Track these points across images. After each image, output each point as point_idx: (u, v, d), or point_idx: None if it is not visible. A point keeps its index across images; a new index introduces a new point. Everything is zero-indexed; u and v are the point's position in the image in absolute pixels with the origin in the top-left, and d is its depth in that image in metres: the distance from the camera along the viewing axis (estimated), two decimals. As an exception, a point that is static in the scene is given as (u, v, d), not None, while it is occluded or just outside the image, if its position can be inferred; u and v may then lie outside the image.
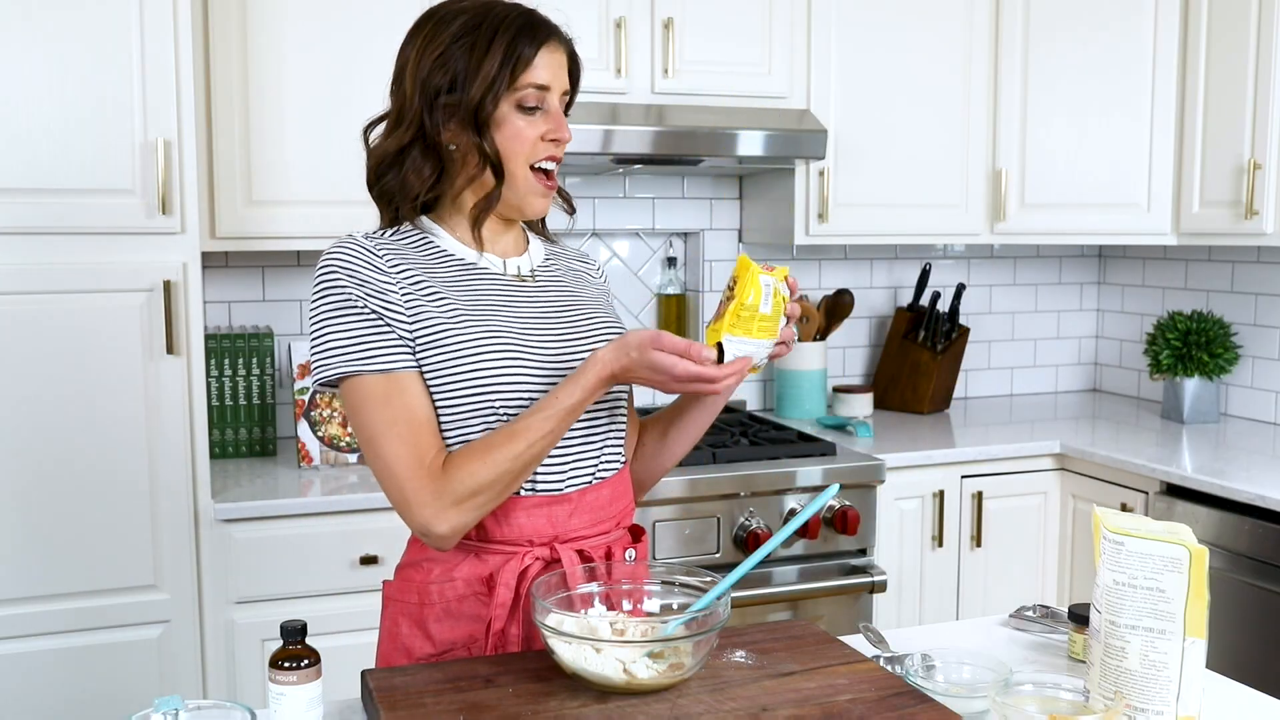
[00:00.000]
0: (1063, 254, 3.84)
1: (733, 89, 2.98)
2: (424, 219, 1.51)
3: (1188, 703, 1.25)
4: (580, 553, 1.45)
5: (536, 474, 1.44)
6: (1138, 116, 3.15)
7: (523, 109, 1.44)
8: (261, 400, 2.79)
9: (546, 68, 1.44)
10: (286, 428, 2.94)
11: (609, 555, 1.49)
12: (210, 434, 2.67)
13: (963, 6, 3.19)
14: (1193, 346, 3.23)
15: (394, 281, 1.41)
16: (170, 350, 2.31)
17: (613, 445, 1.53)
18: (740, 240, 3.42)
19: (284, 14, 2.56)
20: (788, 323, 1.42)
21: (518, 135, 1.44)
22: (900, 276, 3.65)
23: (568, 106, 1.52)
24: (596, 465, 1.50)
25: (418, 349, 1.40)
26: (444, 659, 1.44)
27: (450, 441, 1.41)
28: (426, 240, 1.49)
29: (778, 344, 1.42)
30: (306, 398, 2.70)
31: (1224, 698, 1.42)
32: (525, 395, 1.41)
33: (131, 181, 2.26)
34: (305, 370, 2.72)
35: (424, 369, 1.40)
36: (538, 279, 1.54)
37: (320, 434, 2.69)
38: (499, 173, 1.45)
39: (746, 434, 2.93)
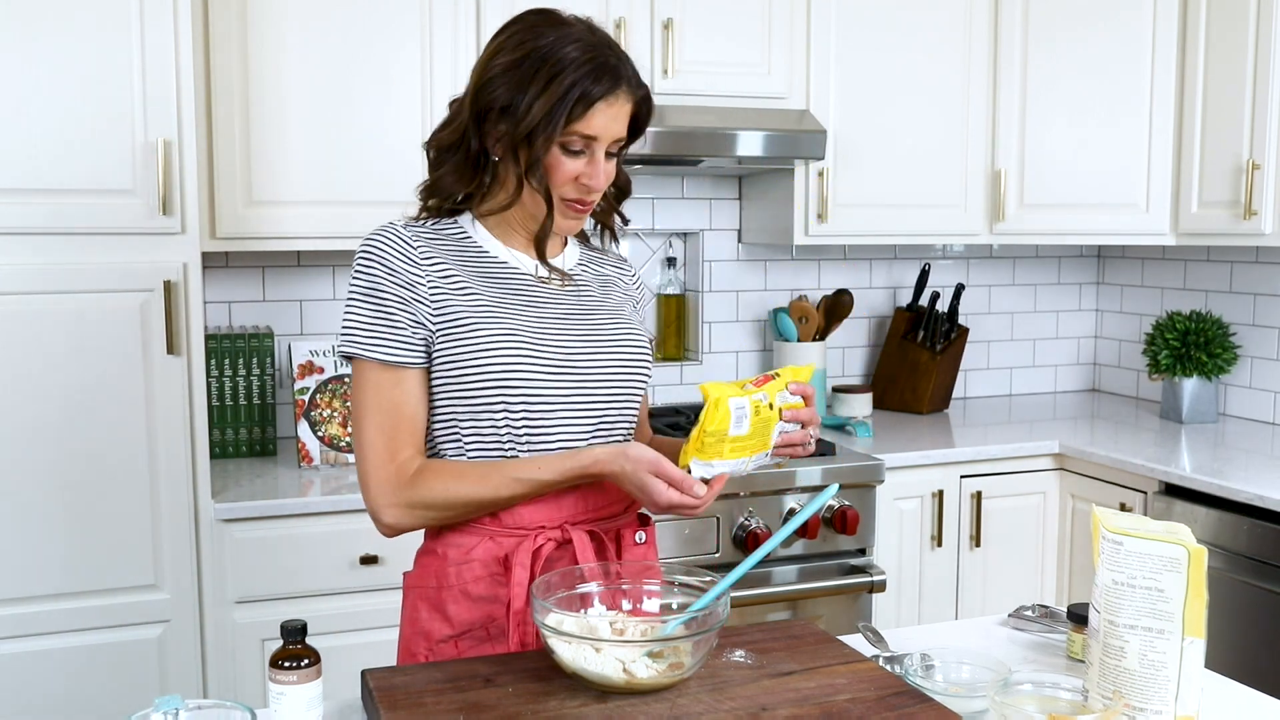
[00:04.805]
0: (1061, 254, 3.84)
1: (732, 89, 2.98)
2: (465, 215, 1.56)
3: (1186, 702, 1.25)
4: (591, 534, 1.48)
5: None
6: (1137, 117, 3.15)
7: (566, 150, 1.45)
8: (261, 400, 2.80)
9: (600, 119, 1.43)
10: (286, 428, 2.95)
11: (619, 538, 1.52)
12: (210, 434, 2.67)
13: (962, 7, 3.19)
14: (1191, 347, 3.24)
15: (423, 273, 1.47)
16: (170, 350, 2.31)
17: (615, 437, 1.55)
18: (740, 240, 3.42)
19: (284, 14, 2.57)
20: (802, 427, 1.43)
21: (556, 169, 1.46)
22: (899, 277, 3.65)
23: (623, 147, 1.51)
24: None
25: (438, 338, 1.46)
26: (462, 640, 1.48)
27: (464, 429, 1.48)
28: (463, 233, 1.54)
29: (780, 448, 1.43)
30: (306, 398, 2.70)
31: (1222, 697, 1.42)
32: (533, 395, 1.46)
33: (132, 182, 2.26)
34: (305, 370, 2.73)
35: (444, 357, 1.46)
36: (562, 282, 1.56)
37: (320, 434, 2.70)
38: (547, 199, 1.47)
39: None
